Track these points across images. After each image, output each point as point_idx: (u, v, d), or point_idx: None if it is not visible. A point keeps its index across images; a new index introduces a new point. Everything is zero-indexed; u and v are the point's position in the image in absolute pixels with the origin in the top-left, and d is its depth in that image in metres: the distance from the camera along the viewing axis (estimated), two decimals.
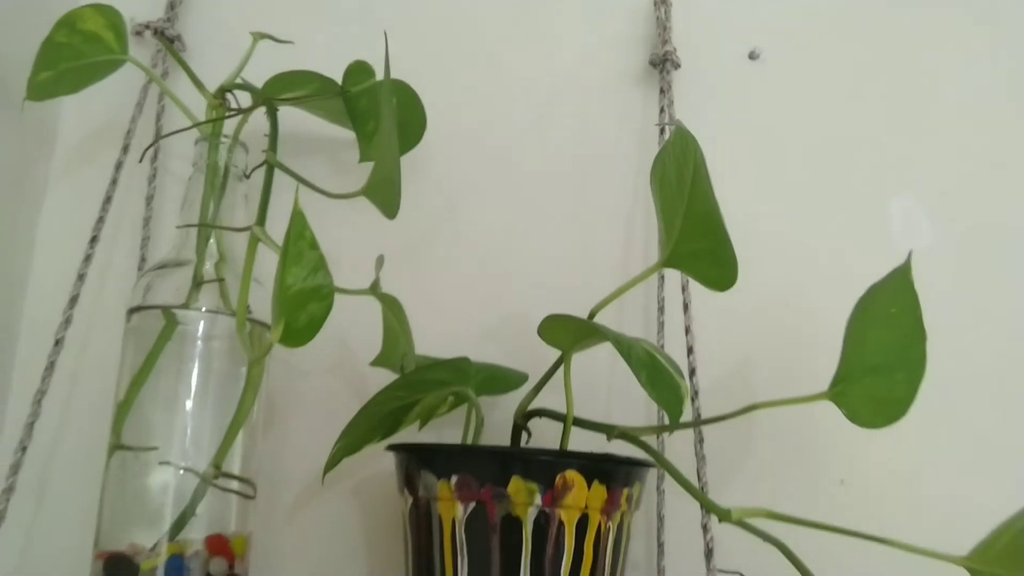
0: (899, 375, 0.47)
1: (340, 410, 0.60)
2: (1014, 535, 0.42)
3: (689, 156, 0.45)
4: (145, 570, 0.51)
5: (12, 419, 0.61)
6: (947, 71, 0.69)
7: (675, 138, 0.45)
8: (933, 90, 0.69)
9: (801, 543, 0.47)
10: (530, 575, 0.48)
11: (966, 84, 0.69)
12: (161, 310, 0.55)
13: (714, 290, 0.47)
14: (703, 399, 0.58)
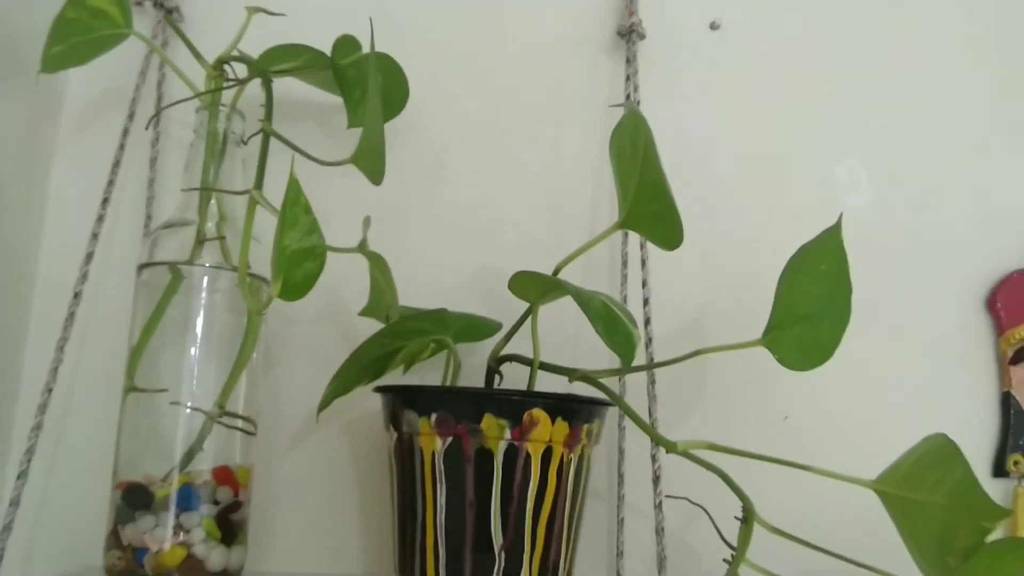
0: (825, 324, 0.53)
1: (331, 355, 0.66)
2: (912, 462, 0.49)
3: (640, 132, 0.50)
4: (159, 497, 0.57)
5: (30, 365, 0.67)
6: (896, 41, 0.74)
7: (628, 116, 0.51)
8: (881, 59, 0.74)
9: (743, 472, 0.54)
10: (500, 500, 0.55)
11: (913, 54, 0.74)
12: (168, 266, 0.61)
13: (664, 249, 0.53)
14: (657, 345, 0.64)
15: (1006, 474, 0.68)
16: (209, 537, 0.57)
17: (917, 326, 0.70)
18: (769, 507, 0.54)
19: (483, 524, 0.54)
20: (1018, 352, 0.69)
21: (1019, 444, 0.68)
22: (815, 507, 0.58)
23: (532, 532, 0.55)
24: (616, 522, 0.65)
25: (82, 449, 0.65)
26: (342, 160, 0.56)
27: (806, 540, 0.54)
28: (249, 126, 0.64)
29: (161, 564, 0.56)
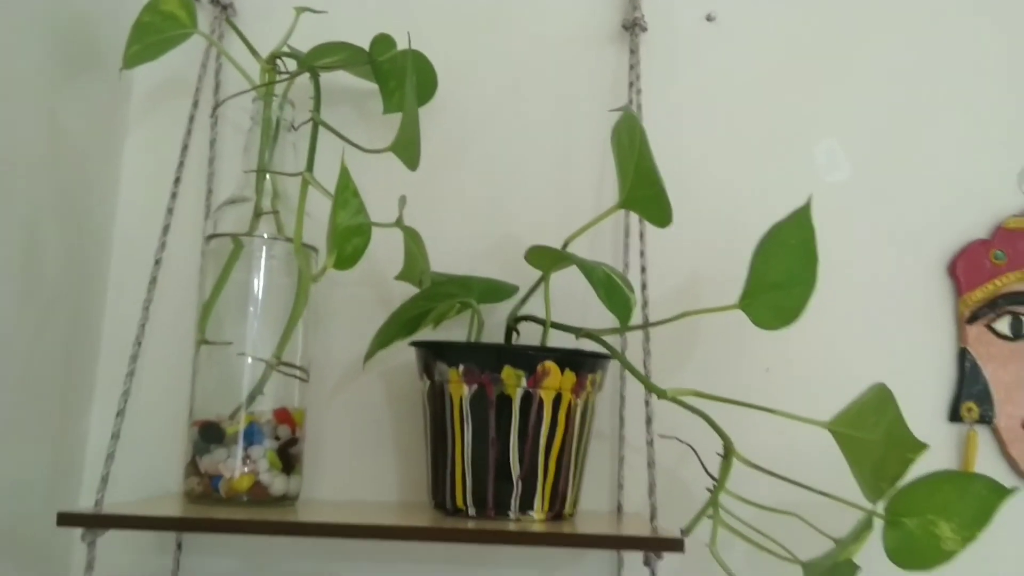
0: (795, 290, 0.62)
1: (369, 314, 0.77)
2: (859, 406, 0.58)
3: (635, 130, 0.59)
4: (230, 434, 0.68)
5: (109, 320, 0.77)
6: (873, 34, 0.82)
7: (625, 116, 0.60)
8: (859, 49, 0.82)
9: (725, 416, 0.64)
10: (518, 438, 0.65)
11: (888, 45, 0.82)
12: (231, 237, 0.71)
13: (656, 226, 0.62)
14: (652, 308, 0.74)
15: (960, 419, 0.77)
16: (272, 467, 0.68)
17: (886, 289, 0.79)
18: (747, 445, 0.64)
19: (503, 458, 0.65)
20: (974, 313, 0.78)
21: (972, 393, 0.77)
22: (786, 446, 0.67)
23: (544, 465, 0.65)
24: (617, 459, 0.76)
25: (156, 393, 0.75)
26: (383, 148, 0.65)
27: (777, 473, 0.64)
28: (298, 113, 0.73)
29: (233, 489, 0.66)
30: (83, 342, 0.75)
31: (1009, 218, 0.79)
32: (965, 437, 0.77)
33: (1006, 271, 0.78)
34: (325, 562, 0.75)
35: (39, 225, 0.67)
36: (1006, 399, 0.77)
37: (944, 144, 0.81)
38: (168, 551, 0.74)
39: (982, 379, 0.77)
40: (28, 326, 0.66)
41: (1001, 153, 0.81)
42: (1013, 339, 0.77)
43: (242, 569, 0.75)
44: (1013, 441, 0.76)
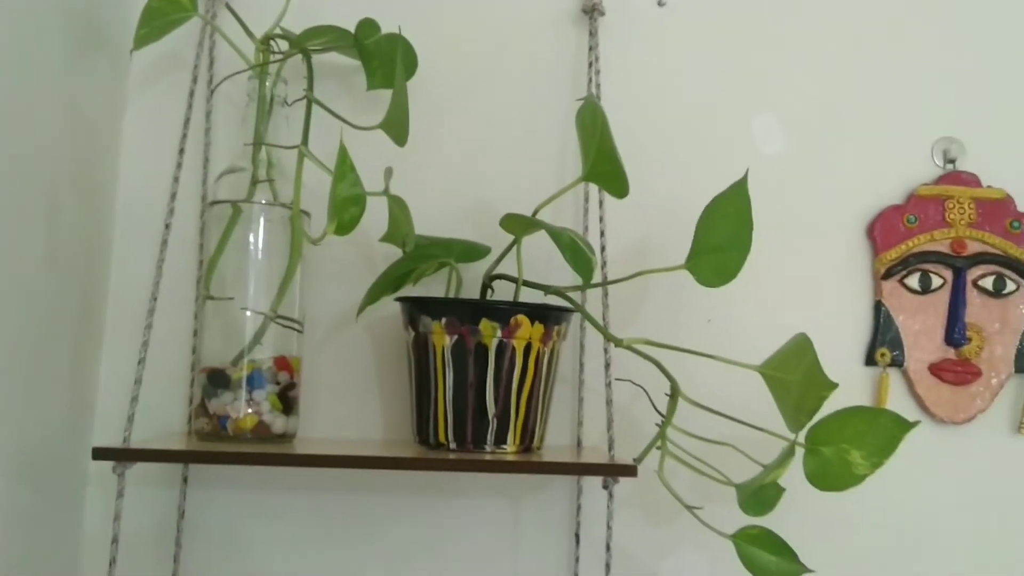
0: (732, 253, 0.72)
1: (356, 272, 0.85)
2: (785, 351, 0.69)
3: (597, 114, 0.68)
4: (235, 379, 0.76)
5: (116, 278, 0.84)
6: (804, 17, 0.91)
7: (587, 103, 0.69)
8: (791, 30, 0.91)
9: (673, 362, 0.74)
10: (493, 382, 0.74)
11: (818, 27, 0.91)
12: (231, 203, 0.78)
13: (615, 197, 0.72)
14: (611, 267, 0.83)
15: (875, 363, 0.88)
16: (273, 409, 0.76)
17: (813, 249, 0.89)
18: (691, 387, 0.75)
19: (480, 399, 0.74)
20: (888, 270, 0.88)
21: (885, 341, 0.88)
22: (724, 387, 0.77)
23: (516, 405, 0.75)
24: (578, 400, 0.86)
25: (162, 344, 0.83)
26: (373, 125, 0.73)
27: (716, 410, 0.75)
28: (290, 90, 0.80)
29: (239, 428, 0.75)
30: (93, 297, 0.82)
31: (921, 186, 0.90)
32: (879, 379, 0.89)
33: (917, 233, 0.89)
34: (319, 494, 0.84)
35: (58, 191, 0.74)
36: (914, 345, 0.88)
37: (866, 119, 0.91)
38: (175, 485, 0.83)
39: (894, 328, 0.88)
40: (51, 282, 0.74)
41: (916, 127, 0.91)
42: (922, 293, 0.88)
43: (244, 501, 0.84)
44: (920, 382, 0.88)
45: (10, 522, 0.70)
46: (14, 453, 0.70)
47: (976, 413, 0.88)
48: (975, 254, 0.88)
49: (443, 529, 0.85)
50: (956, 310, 0.88)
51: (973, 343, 0.88)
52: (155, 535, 0.82)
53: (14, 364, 0.69)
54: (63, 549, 0.80)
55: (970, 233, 0.89)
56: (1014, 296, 0.89)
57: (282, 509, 0.84)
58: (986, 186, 0.90)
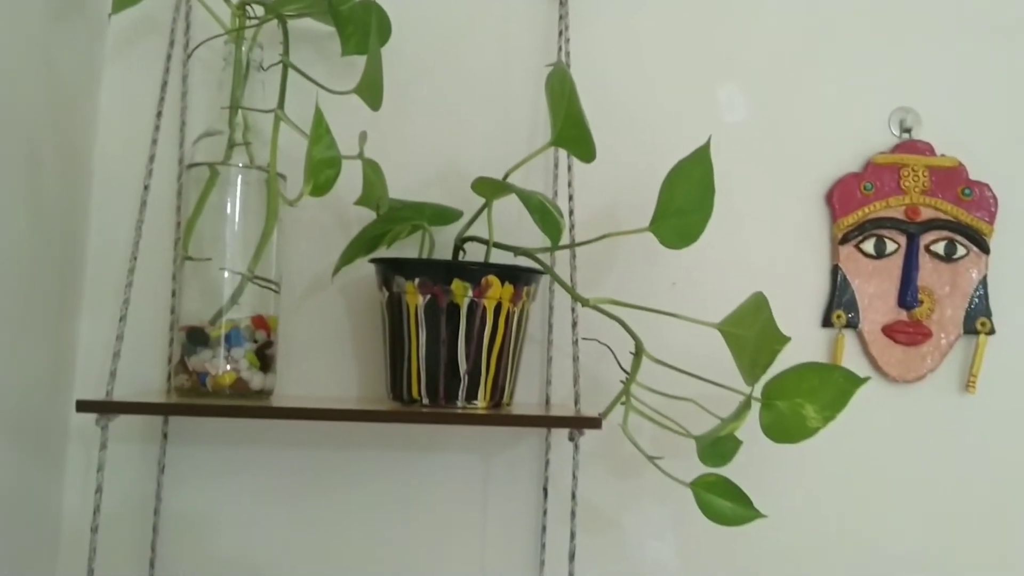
0: (695, 216, 0.75)
1: (331, 235, 0.87)
2: (742, 309, 0.72)
3: (566, 80, 0.70)
4: (214, 337, 0.78)
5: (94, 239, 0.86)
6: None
7: (557, 68, 0.71)
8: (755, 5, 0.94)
9: (638, 322, 0.77)
10: (465, 340, 0.77)
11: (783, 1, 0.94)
12: (208, 165, 0.80)
13: (582, 162, 0.74)
14: (578, 230, 0.86)
15: (831, 325, 0.92)
16: (251, 366, 0.79)
17: (773, 214, 0.92)
18: (654, 346, 0.78)
19: (452, 356, 0.77)
20: (845, 235, 0.92)
21: (841, 303, 0.92)
22: (686, 346, 0.80)
23: (487, 362, 0.78)
24: (546, 359, 0.89)
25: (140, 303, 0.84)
26: (348, 90, 0.75)
27: (678, 367, 0.78)
28: (265, 54, 0.82)
29: (218, 384, 0.77)
30: (72, 258, 0.84)
31: (878, 154, 0.93)
32: (835, 340, 0.93)
33: (874, 200, 0.92)
34: (296, 449, 0.87)
35: (38, 152, 0.75)
36: (869, 308, 0.92)
37: (826, 90, 0.94)
38: (155, 441, 0.85)
39: (850, 291, 0.92)
40: (32, 241, 0.75)
41: (875, 98, 0.94)
42: (877, 257, 0.92)
43: (223, 457, 0.86)
44: (873, 343, 0.92)
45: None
46: None
47: (926, 372, 0.92)
48: (928, 220, 0.92)
49: (416, 484, 0.88)
50: (909, 274, 0.92)
51: (924, 305, 0.92)
52: (136, 491, 0.84)
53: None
54: (45, 503, 0.82)
55: (923, 200, 0.92)
56: (964, 261, 0.92)
57: (260, 465, 0.87)
58: (940, 155, 0.93)
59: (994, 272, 0.92)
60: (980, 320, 0.92)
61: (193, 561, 0.85)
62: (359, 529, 0.87)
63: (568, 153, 0.82)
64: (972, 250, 0.93)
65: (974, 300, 0.92)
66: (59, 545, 0.84)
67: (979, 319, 0.92)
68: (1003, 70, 0.95)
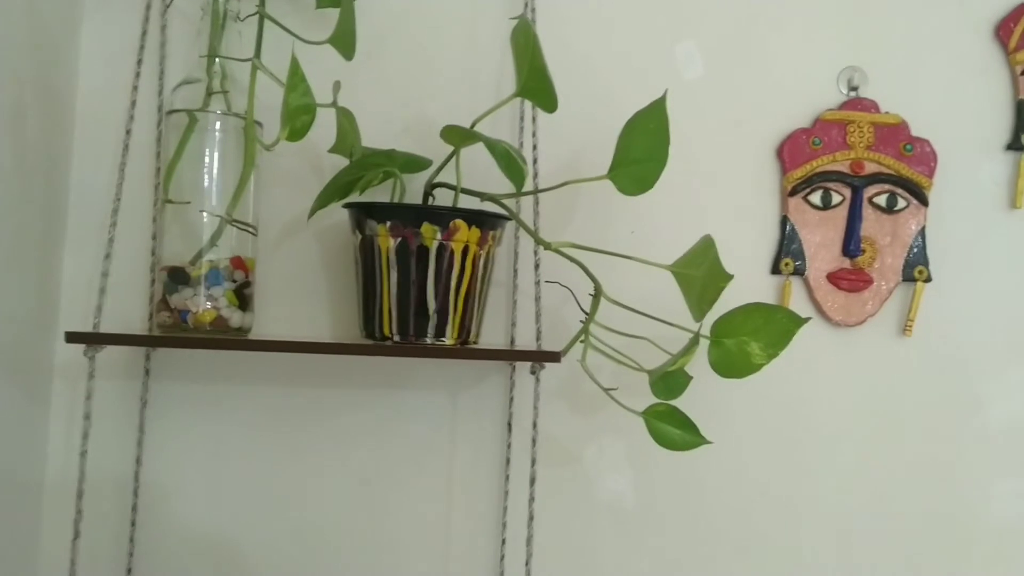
0: (650, 165, 0.80)
1: (306, 181, 0.91)
2: (691, 252, 0.77)
3: (530, 34, 0.75)
4: (194, 277, 0.82)
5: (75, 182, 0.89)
6: None
7: (521, 22, 0.75)
8: None
9: (599, 266, 0.82)
10: (434, 281, 0.82)
11: None
12: (187, 112, 0.83)
13: (545, 112, 0.79)
14: (542, 178, 0.91)
15: (780, 272, 0.98)
16: (230, 304, 0.83)
17: (726, 166, 0.97)
18: (613, 288, 0.83)
19: (422, 296, 0.82)
20: (794, 188, 0.97)
21: (789, 251, 0.98)
22: (641, 288, 0.85)
23: (455, 302, 0.83)
24: (511, 302, 0.94)
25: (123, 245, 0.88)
26: (322, 40, 0.78)
27: (633, 308, 0.83)
28: (243, 6, 0.85)
29: (199, 321, 0.81)
30: (55, 200, 0.87)
31: (826, 111, 0.98)
32: (782, 286, 0.98)
33: (821, 154, 0.98)
34: (273, 386, 0.91)
35: (23, 96, 0.78)
36: (815, 256, 0.98)
37: (779, 48, 0.98)
38: (137, 377, 0.89)
39: (798, 240, 0.98)
40: (16, 180, 0.78)
41: (824, 57, 0.99)
42: (823, 209, 0.98)
43: (201, 391, 0.90)
44: (818, 289, 0.98)
45: None
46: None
47: (867, 317, 0.98)
48: (871, 174, 0.98)
49: (388, 419, 0.93)
50: (853, 224, 0.97)
51: (867, 254, 0.98)
52: (119, 424, 0.89)
53: None
54: (31, 435, 0.86)
55: (868, 155, 0.98)
56: (904, 212, 0.98)
57: (239, 400, 0.91)
58: (884, 112, 0.99)
59: (932, 223, 0.98)
60: (918, 268, 0.98)
61: (175, 489, 0.90)
62: (333, 462, 0.92)
63: (532, 104, 0.87)
64: (912, 202, 0.98)
65: (913, 250, 0.98)
66: (45, 472, 0.88)
67: (917, 267, 0.98)
68: (945, 32, 1.00)
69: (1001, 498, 1.00)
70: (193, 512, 0.90)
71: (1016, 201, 1.00)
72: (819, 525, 0.98)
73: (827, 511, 0.98)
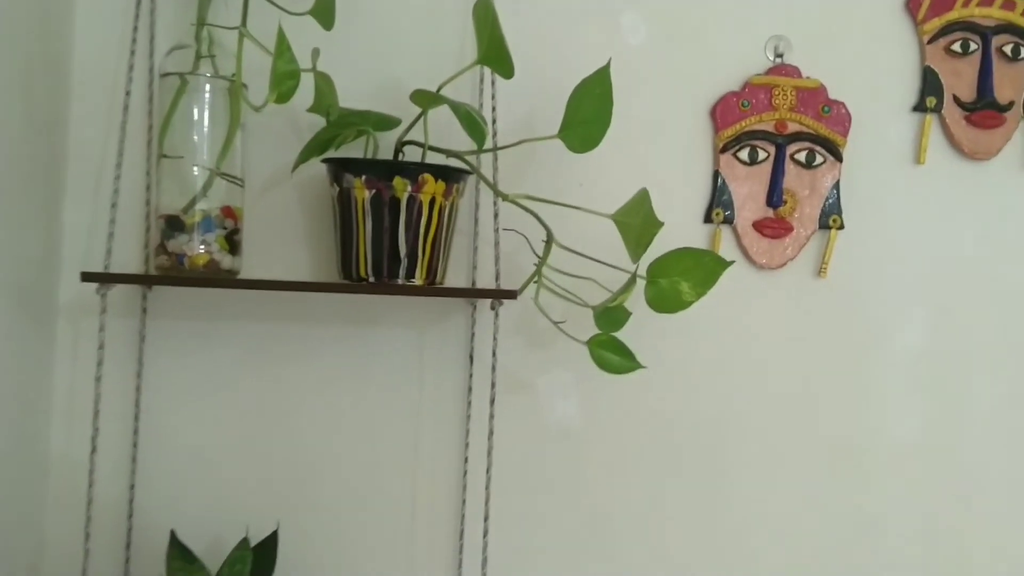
0: (595, 125, 0.91)
1: (286, 137, 1.00)
2: (630, 202, 0.89)
3: (489, 8, 0.85)
4: (189, 224, 0.91)
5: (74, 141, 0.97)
6: None
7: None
8: None
9: (552, 216, 0.94)
10: (404, 228, 0.92)
11: None
12: (179, 75, 0.92)
13: (503, 78, 0.89)
14: (501, 136, 1.01)
15: (711, 221, 1.10)
16: (221, 249, 0.93)
17: (665, 126, 1.09)
18: (564, 236, 0.94)
19: (394, 242, 0.92)
20: (725, 145, 1.09)
21: (720, 202, 1.10)
22: (587, 236, 0.97)
23: (423, 247, 0.93)
24: (472, 248, 1.05)
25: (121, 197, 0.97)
26: (304, 11, 0.87)
27: (580, 252, 0.95)
28: None
29: (194, 264, 0.91)
30: (56, 155, 0.96)
31: (754, 76, 1.10)
32: (713, 233, 1.10)
33: (749, 115, 1.09)
34: (258, 323, 1.01)
35: (30, 62, 0.87)
36: (742, 207, 1.10)
37: (712, 18, 1.09)
38: (135, 315, 0.99)
39: (727, 193, 1.10)
40: (26, 138, 0.87)
41: (753, 27, 1.10)
42: (750, 164, 1.10)
43: (193, 328, 1.00)
44: (745, 236, 1.10)
45: None
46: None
47: (787, 261, 1.11)
48: (793, 133, 1.10)
49: (363, 353, 1.04)
50: (776, 178, 1.10)
51: (788, 205, 1.10)
52: (120, 358, 0.98)
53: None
54: (38, 369, 0.96)
55: (790, 116, 1.10)
56: (822, 167, 1.11)
57: (228, 336, 1.01)
58: (805, 77, 1.10)
59: (845, 177, 1.11)
60: (832, 217, 1.11)
61: (172, 414, 1.00)
62: (314, 391, 1.03)
63: (492, 70, 0.97)
64: (828, 159, 1.11)
65: (828, 200, 1.11)
66: (52, 400, 0.98)
67: (832, 216, 1.11)
68: (861, 4, 1.12)
69: (901, 418, 1.14)
70: (188, 434, 1.01)
71: (920, 157, 1.13)
72: (743, 443, 1.12)
73: (751, 431, 1.12)
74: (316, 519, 1.03)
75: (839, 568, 1.14)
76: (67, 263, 0.97)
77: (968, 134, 1.13)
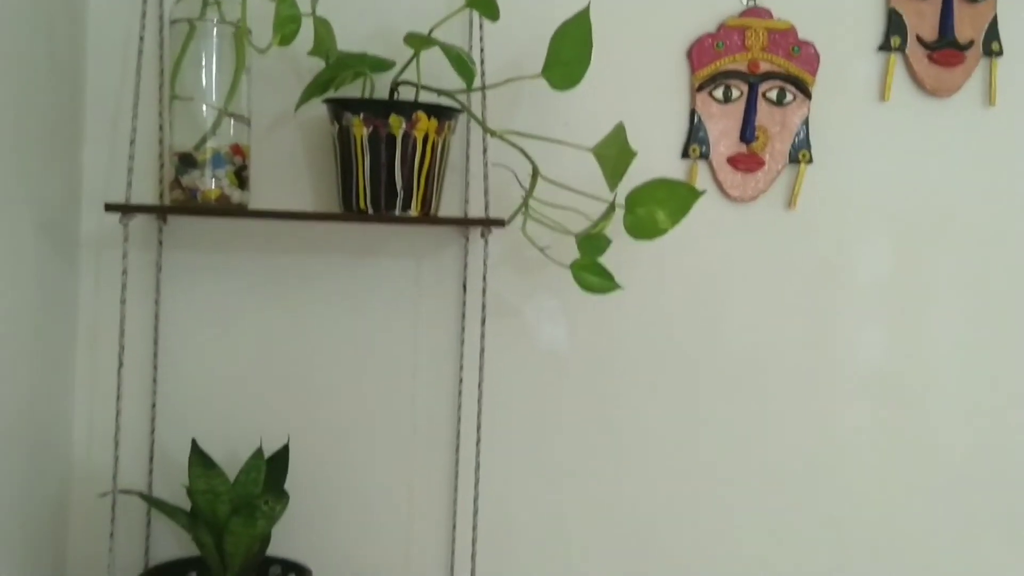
0: (576, 65, 0.98)
1: (287, 79, 1.07)
2: (608, 135, 0.96)
3: None
4: (201, 161, 0.99)
5: (92, 83, 1.04)
6: None
7: None
8: None
9: (538, 152, 1.01)
10: (400, 163, 1.00)
11: None
12: (188, 21, 0.98)
13: (490, 21, 0.96)
14: (489, 76, 1.08)
15: (688, 156, 1.17)
16: (231, 184, 1.00)
17: (645, 68, 1.15)
18: (549, 170, 1.02)
19: (390, 176, 1.00)
20: (701, 85, 1.16)
21: (696, 139, 1.17)
22: (572, 170, 1.04)
23: (418, 180, 1.01)
24: (464, 183, 1.12)
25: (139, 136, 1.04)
26: None
27: (564, 184, 1.03)
28: None
29: (206, 197, 0.99)
30: (76, 96, 1.03)
31: (729, 18, 1.16)
32: (690, 168, 1.18)
33: (724, 56, 1.16)
34: (267, 254, 1.09)
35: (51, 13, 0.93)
36: (717, 142, 1.17)
37: None
38: (152, 248, 1.06)
39: (703, 129, 1.17)
40: (51, 84, 0.94)
41: None
42: (724, 103, 1.17)
43: (206, 259, 1.08)
44: (720, 170, 1.18)
45: (21, 275, 0.94)
46: (26, 220, 0.93)
47: (759, 193, 1.19)
48: (765, 72, 1.17)
49: (363, 282, 1.12)
50: (749, 115, 1.17)
51: (760, 140, 1.17)
52: (138, 286, 1.06)
53: (21, 145, 0.91)
54: (64, 298, 1.04)
55: (762, 56, 1.16)
56: (792, 105, 1.18)
57: (238, 268, 1.09)
58: (776, 19, 1.17)
59: (814, 114, 1.18)
60: (802, 152, 1.19)
61: (188, 338, 1.09)
62: (319, 316, 1.12)
63: (479, 13, 1.03)
64: (798, 96, 1.18)
65: (798, 136, 1.18)
66: (77, 324, 1.06)
67: (801, 151, 1.18)
68: None
69: (865, 344, 1.23)
70: (203, 357, 1.09)
71: (885, 95, 1.20)
72: (716, 366, 1.20)
73: (724, 354, 1.20)
74: (324, 433, 1.12)
75: (808, 483, 1.23)
76: (87, 199, 1.05)
77: (930, 72, 1.20)
